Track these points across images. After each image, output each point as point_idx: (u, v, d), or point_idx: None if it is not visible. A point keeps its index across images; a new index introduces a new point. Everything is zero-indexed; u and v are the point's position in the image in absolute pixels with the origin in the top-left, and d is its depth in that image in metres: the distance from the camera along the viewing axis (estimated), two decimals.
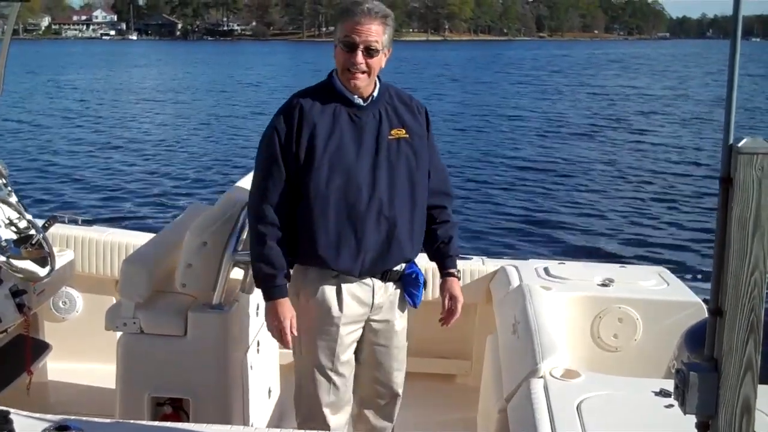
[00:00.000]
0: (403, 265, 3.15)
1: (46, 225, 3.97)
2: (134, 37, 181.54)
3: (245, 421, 3.44)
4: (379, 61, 2.98)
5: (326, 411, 3.12)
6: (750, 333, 1.77)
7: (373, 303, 3.11)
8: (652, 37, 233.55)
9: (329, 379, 3.11)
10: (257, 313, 3.65)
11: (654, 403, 2.62)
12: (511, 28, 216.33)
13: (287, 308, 3.01)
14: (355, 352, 3.21)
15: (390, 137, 3.01)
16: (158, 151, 21.09)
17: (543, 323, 3.33)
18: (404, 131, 3.04)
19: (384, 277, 3.11)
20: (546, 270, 4.19)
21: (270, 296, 3.02)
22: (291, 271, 3.07)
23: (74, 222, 4.69)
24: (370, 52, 2.92)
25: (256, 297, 3.58)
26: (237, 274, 3.40)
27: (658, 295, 3.93)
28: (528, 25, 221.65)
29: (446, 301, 3.23)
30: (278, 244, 2.98)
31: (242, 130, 25.43)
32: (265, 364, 3.81)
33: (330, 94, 3.02)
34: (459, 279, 3.30)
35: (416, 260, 3.22)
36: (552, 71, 59.83)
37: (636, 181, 16.71)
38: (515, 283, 4.02)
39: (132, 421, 3.13)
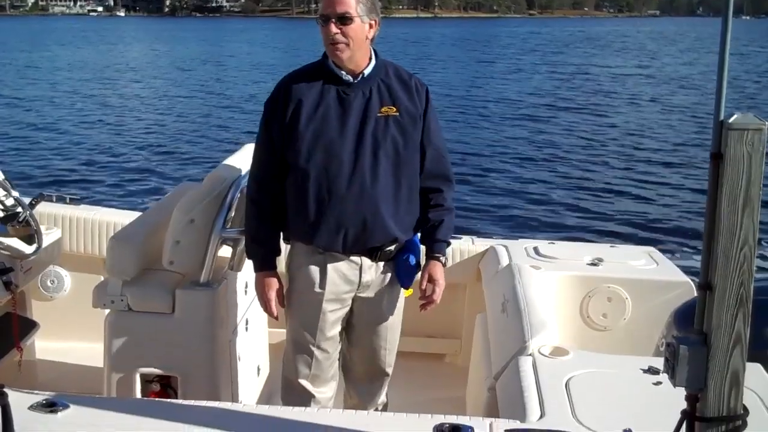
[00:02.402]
0: (396, 245, 3.13)
1: (33, 203, 3.94)
2: (122, 14, 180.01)
3: (234, 399, 3.44)
4: (359, 31, 2.94)
5: (304, 383, 3.16)
6: (739, 307, 1.79)
7: (360, 281, 3.11)
8: (643, 14, 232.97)
9: (310, 353, 3.13)
10: (246, 291, 3.64)
11: (642, 381, 2.63)
12: (501, 5, 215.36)
13: (273, 280, 3.12)
14: (346, 330, 3.23)
15: (379, 114, 3.00)
16: (146, 130, 20.95)
17: (532, 302, 3.34)
18: (394, 109, 3.02)
19: (374, 256, 3.10)
20: (535, 249, 4.19)
21: (256, 268, 3.16)
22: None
23: (62, 200, 4.66)
24: (343, 20, 2.90)
25: (245, 275, 3.57)
26: (225, 251, 3.39)
27: (647, 275, 3.93)
28: (518, 2, 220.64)
29: (424, 283, 3.15)
30: (263, 218, 3.09)
31: (231, 108, 25.30)
32: (253, 341, 3.80)
33: (320, 72, 3.03)
34: (444, 265, 3.20)
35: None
36: (538, 49, 59.69)
37: (626, 161, 16.72)
38: (505, 262, 4.02)
39: (120, 398, 3.13)
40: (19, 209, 3.76)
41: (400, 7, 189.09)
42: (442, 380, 4.33)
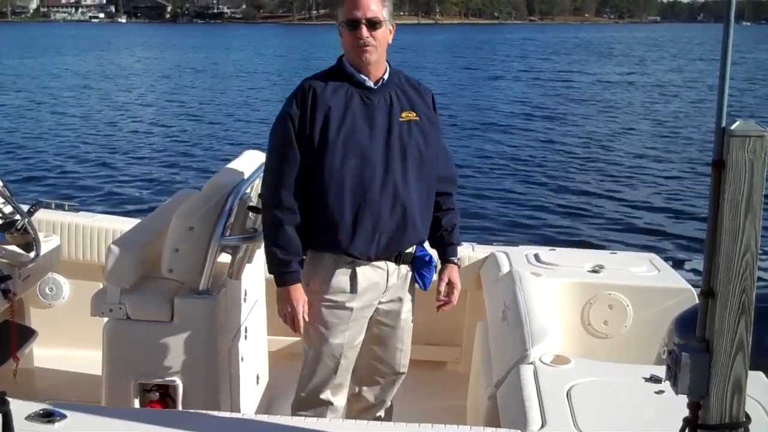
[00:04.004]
0: (415, 246, 3.15)
1: (32, 210, 3.93)
2: (123, 20, 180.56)
3: (233, 408, 3.42)
4: (385, 35, 2.98)
5: (329, 393, 3.15)
6: (741, 314, 1.78)
7: (387, 286, 3.11)
8: (643, 20, 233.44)
9: (336, 363, 3.11)
10: (245, 299, 3.63)
11: (644, 389, 2.61)
12: (502, 11, 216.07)
13: (300, 294, 3.02)
14: None
15: (401, 119, 3.01)
16: (146, 136, 20.94)
17: (533, 310, 3.32)
18: (414, 114, 3.04)
19: (398, 260, 3.10)
20: (536, 256, 4.17)
21: (283, 282, 3.02)
22: (304, 258, 3.07)
23: (61, 207, 4.65)
24: (373, 24, 2.92)
25: (244, 282, 3.55)
26: (224, 259, 3.37)
27: (648, 282, 3.92)
28: (519, 9, 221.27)
29: (443, 287, 3.23)
30: (294, 230, 2.98)
31: (230, 115, 25.30)
32: (253, 350, 3.78)
33: (341, 77, 3.01)
34: (458, 267, 3.29)
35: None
36: (540, 56, 59.74)
37: (627, 167, 16.70)
38: (505, 269, 4.00)
39: (118, 408, 3.11)
40: (18, 216, 3.74)
41: (401, 13, 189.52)
42: (443, 388, 4.31)
